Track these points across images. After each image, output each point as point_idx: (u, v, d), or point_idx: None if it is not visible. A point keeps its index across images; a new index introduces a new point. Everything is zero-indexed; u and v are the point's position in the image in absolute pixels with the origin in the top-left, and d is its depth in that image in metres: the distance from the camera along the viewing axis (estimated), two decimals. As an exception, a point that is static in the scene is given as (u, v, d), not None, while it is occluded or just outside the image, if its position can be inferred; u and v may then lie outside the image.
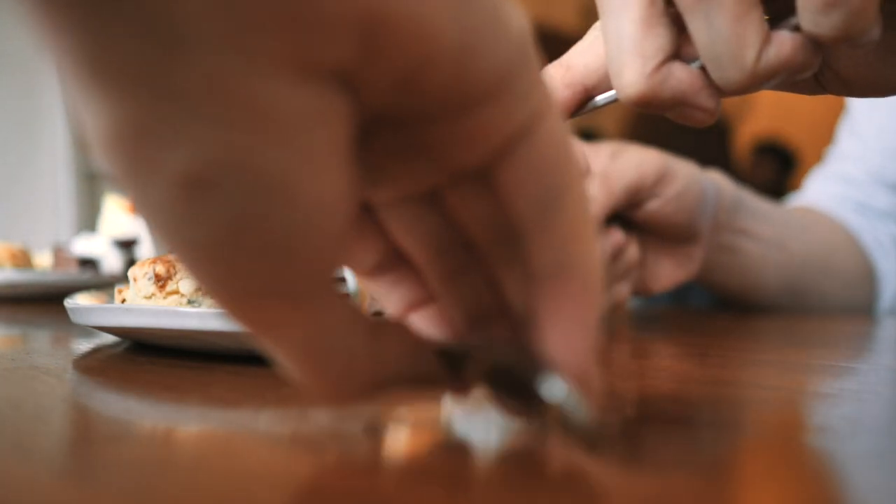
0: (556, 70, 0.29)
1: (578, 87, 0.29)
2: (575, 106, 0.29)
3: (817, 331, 0.59)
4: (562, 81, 0.29)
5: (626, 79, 0.26)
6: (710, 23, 0.24)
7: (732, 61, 0.25)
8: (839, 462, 0.21)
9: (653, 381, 0.31)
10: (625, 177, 0.53)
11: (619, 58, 0.26)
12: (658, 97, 0.26)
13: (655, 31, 0.26)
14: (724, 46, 0.24)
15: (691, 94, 0.26)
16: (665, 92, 0.26)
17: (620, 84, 0.26)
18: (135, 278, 0.37)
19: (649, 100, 0.26)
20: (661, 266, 0.59)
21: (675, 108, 0.27)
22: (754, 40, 0.24)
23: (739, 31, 0.24)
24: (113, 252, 0.76)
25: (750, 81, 0.25)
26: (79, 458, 0.20)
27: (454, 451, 0.22)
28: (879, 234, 0.75)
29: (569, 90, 0.29)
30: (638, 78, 0.26)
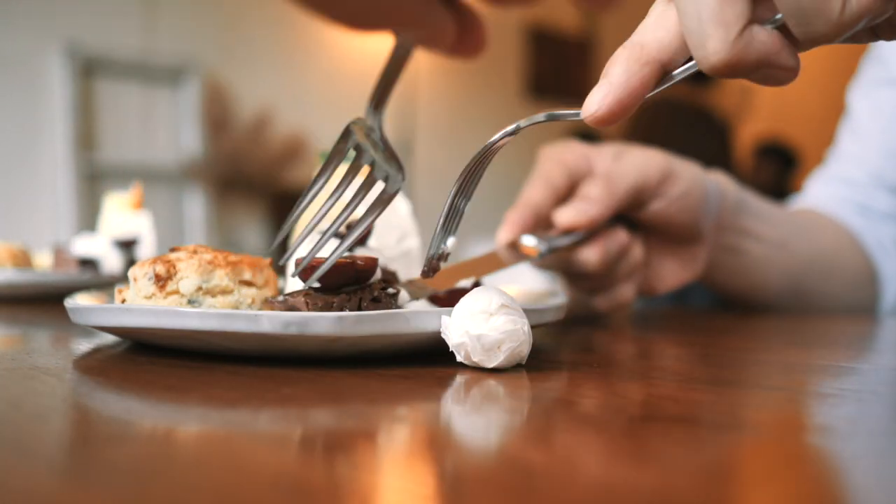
0: (629, 51, 0.29)
1: (655, 63, 0.29)
2: (654, 82, 0.29)
3: (818, 331, 0.59)
4: (638, 61, 0.29)
5: (710, 48, 0.27)
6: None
7: (818, 15, 0.25)
8: (839, 462, 0.21)
9: (654, 381, 0.31)
10: (628, 178, 0.53)
11: (700, 29, 0.27)
12: (743, 62, 0.27)
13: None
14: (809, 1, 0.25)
15: (774, 55, 0.27)
16: (750, 56, 0.27)
17: (705, 54, 0.27)
18: (135, 278, 0.37)
19: (734, 66, 0.27)
20: (665, 267, 0.59)
21: (758, 71, 0.27)
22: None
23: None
24: (113, 252, 0.76)
25: (836, 31, 0.26)
26: (79, 458, 0.20)
27: (454, 451, 0.22)
28: (881, 235, 0.75)
29: (647, 67, 0.29)
30: (722, 46, 0.26)
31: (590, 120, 0.30)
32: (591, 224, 0.51)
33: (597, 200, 0.52)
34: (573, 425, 0.24)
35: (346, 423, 0.24)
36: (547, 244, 0.50)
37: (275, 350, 0.33)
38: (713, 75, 0.28)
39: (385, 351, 0.34)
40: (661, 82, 0.30)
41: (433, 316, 0.33)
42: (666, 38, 0.29)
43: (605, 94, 0.29)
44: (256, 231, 2.99)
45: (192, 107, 2.78)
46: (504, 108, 3.71)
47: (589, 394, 0.29)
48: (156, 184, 2.73)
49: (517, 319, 0.32)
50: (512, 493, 0.17)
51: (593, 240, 0.53)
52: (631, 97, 0.29)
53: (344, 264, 0.34)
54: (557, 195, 0.54)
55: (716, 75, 0.27)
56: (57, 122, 2.56)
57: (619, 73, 0.29)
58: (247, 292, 0.37)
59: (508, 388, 0.29)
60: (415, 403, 0.27)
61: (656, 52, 0.29)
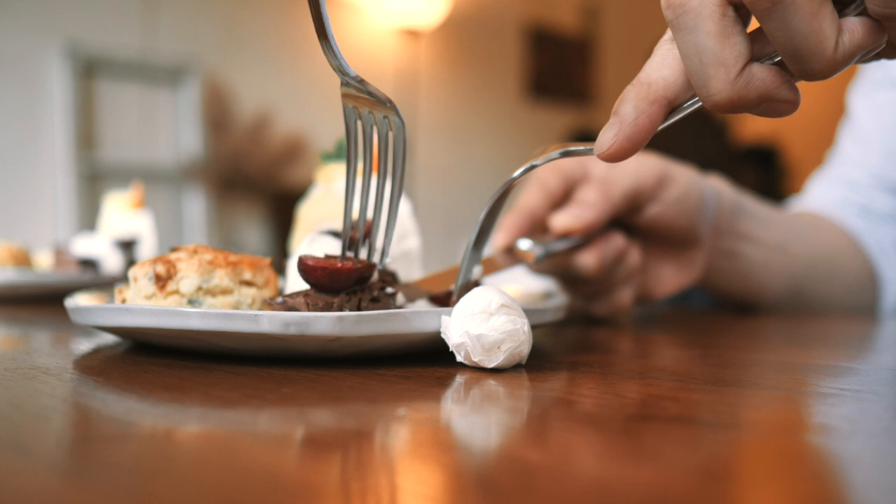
0: (637, 89, 0.30)
1: (663, 101, 0.30)
2: (662, 118, 0.31)
3: (818, 331, 0.59)
4: (646, 99, 0.30)
5: (712, 88, 0.28)
6: (787, 23, 0.26)
7: (812, 55, 0.26)
8: (839, 462, 0.21)
9: (654, 381, 0.31)
10: (624, 182, 0.53)
11: (702, 70, 0.28)
12: (745, 99, 0.28)
13: (732, 40, 0.27)
14: (803, 42, 0.26)
15: (774, 90, 0.28)
16: (751, 93, 0.28)
17: (707, 94, 0.28)
18: (135, 278, 0.37)
19: (737, 103, 0.28)
20: (663, 271, 0.59)
21: (760, 106, 0.28)
22: (830, 32, 0.26)
23: (816, 26, 0.26)
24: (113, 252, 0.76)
25: (831, 69, 0.27)
26: (79, 458, 0.20)
27: (454, 451, 0.22)
28: (881, 237, 0.75)
29: (654, 105, 0.30)
30: (724, 86, 0.28)
31: (602, 156, 0.31)
32: (587, 228, 0.51)
33: (592, 205, 0.52)
34: (573, 425, 0.25)
35: (346, 423, 0.24)
36: (543, 248, 0.50)
37: (275, 350, 0.33)
38: (717, 112, 0.29)
39: (385, 351, 0.34)
40: (669, 117, 0.31)
41: (433, 316, 0.33)
42: (671, 77, 0.30)
43: (616, 131, 0.31)
44: (256, 231, 2.99)
45: (192, 107, 2.78)
46: (504, 108, 3.71)
47: (589, 394, 0.29)
48: (156, 184, 2.73)
49: (517, 319, 0.32)
50: (512, 493, 0.17)
51: (590, 244, 0.53)
52: (640, 134, 0.30)
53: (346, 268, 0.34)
54: (553, 200, 0.54)
55: (719, 112, 0.29)
56: (57, 121, 2.56)
57: (629, 111, 0.30)
58: (247, 292, 0.37)
59: (508, 388, 0.29)
60: (415, 403, 0.28)
61: (663, 90, 0.30)
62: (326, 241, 0.40)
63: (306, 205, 0.50)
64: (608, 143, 0.31)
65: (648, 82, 0.30)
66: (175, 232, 2.77)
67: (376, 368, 0.32)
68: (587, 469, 0.20)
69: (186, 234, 2.80)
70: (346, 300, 0.34)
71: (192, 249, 0.37)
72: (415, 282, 0.40)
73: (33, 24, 2.52)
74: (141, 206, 0.82)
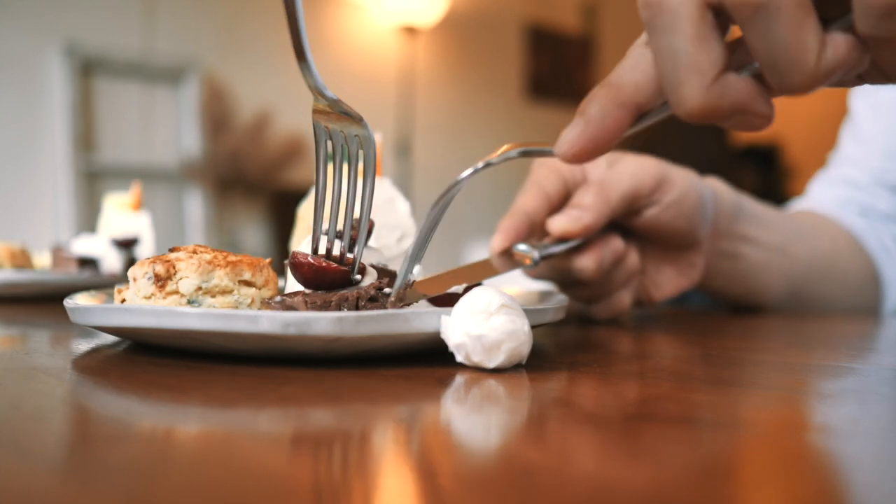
0: (606, 91, 0.29)
1: (631, 105, 0.29)
2: (629, 123, 0.29)
3: (818, 331, 0.59)
4: (614, 101, 0.29)
5: (684, 95, 0.27)
6: (769, 31, 0.25)
7: (793, 66, 0.25)
8: (839, 462, 0.21)
9: (654, 381, 0.31)
10: (622, 185, 0.53)
11: (675, 75, 0.27)
12: (717, 110, 0.27)
13: (709, 46, 0.26)
14: (784, 53, 0.25)
15: (749, 102, 0.27)
16: (724, 104, 0.27)
17: (679, 100, 0.27)
18: (135, 278, 0.37)
19: (709, 112, 0.27)
20: (662, 274, 0.59)
21: (733, 118, 0.27)
22: (813, 45, 0.25)
23: (799, 37, 0.25)
24: (113, 252, 0.76)
25: (810, 83, 0.26)
26: (79, 458, 0.20)
27: (454, 451, 0.22)
28: (883, 236, 0.75)
29: (622, 109, 0.29)
30: (697, 93, 0.26)
31: (563, 157, 0.30)
32: (584, 232, 0.51)
33: (590, 208, 0.52)
34: (573, 425, 0.24)
35: (346, 423, 0.24)
36: (540, 252, 0.50)
37: (275, 350, 0.33)
38: (687, 121, 0.27)
39: (385, 351, 0.34)
40: (637, 123, 0.30)
41: (433, 316, 0.33)
42: (643, 81, 0.29)
43: (579, 132, 0.29)
44: (256, 231, 2.99)
45: (192, 107, 2.78)
46: (504, 107, 3.71)
47: (589, 394, 0.29)
48: (156, 184, 2.73)
49: (517, 319, 0.32)
50: (512, 493, 0.17)
51: (588, 247, 0.52)
52: (605, 137, 0.29)
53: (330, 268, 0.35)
54: (551, 203, 0.54)
55: (690, 121, 0.27)
56: (56, 121, 2.56)
57: (595, 112, 0.29)
58: (246, 292, 0.37)
59: (508, 388, 0.29)
60: (415, 403, 0.27)
61: (633, 94, 0.29)
62: (326, 241, 0.40)
63: (306, 205, 0.50)
64: (570, 144, 0.30)
65: (619, 84, 0.29)
66: (175, 232, 2.77)
67: (376, 368, 0.32)
68: (587, 469, 0.20)
69: (186, 234, 2.80)
70: (344, 299, 0.34)
71: (192, 249, 0.37)
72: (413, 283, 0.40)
73: (33, 24, 2.52)
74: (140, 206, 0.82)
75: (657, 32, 0.27)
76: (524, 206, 0.53)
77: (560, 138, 0.30)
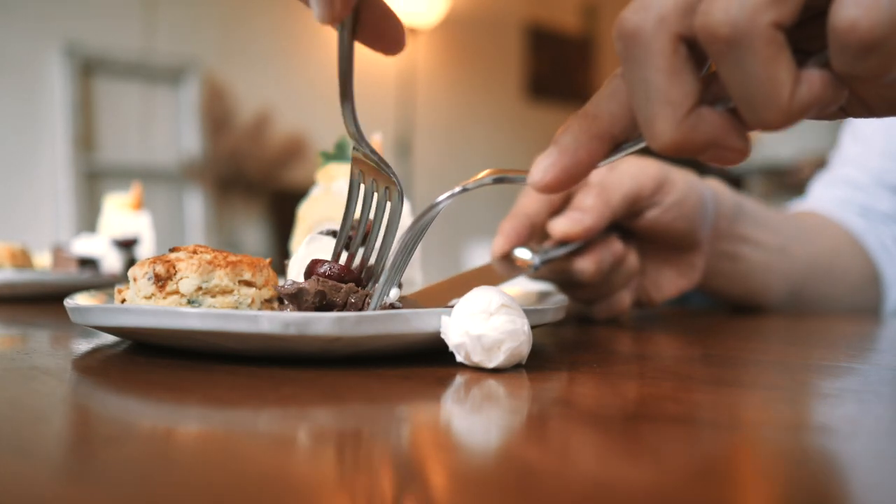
0: (581, 121, 0.29)
1: (606, 136, 0.29)
2: (604, 154, 0.29)
3: (818, 331, 0.59)
4: (588, 132, 0.29)
5: (657, 128, 0.26)
6: (742, 67, 0.25)
7: (766, 102, 0.25)
8: (839, 462, 0.21)
9: (654, 381, 0.31)
10: (623, 187, 0.53)
11: (648, 107, 0.26)
12: (691, 143, 0.26)
13: (682, 79, 0.26)
14: (757, 88, 0.25)
15: (722, 137, 0.26)
16: (698, 137, 0.26)
17: (652, 133, 0.27)
18: (135, 278, 0.37)
19: (681, 146, 0.26)
20: (663, 276, 0.59)
21: (706, 152, 0.27)
22: (786, 80, 0.24)
23: (771, 73, 0.24)
24: (113, 252, 0.76)
25: (784, 120, 0.25)
26: (78, 458, 0.20)
27: (454, 451, 0.22)
28: (883, 236, 0.75)
29: (596, 141, 0.29)
30: (670, 126, 0.26)
31: (535, 187, 0.30)
32: (586, 234, 0.51)
33: (591, 210, 0.52)
34: (573, 425, 0.25)
35: (346, 423, 0.24)
36: (540, 256, 0.50)
37: (275, 350, 0.33)
38: (661, 153, 0.27)
39: (385, 351, 0.34)
40: (611, 154, 0.29)
41: (433, 316, 0.33)
42: (619, 112, 0.29)
43: (552, 162, 0.29)
44: (256, 231, 2.99)
45: (192, 107, 2.78)
46: (504, 108, 3.71)
47: (589, 394, 0.29)
48: (156, 184, 2.73)
49: (517, 319, 0.32)
50: (512, 493, 0.17)
51: (588, 249, 0.52)
52: (578, 167, 0.29)
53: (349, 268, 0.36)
54: (552, 205, 0.54)
55: (664, 153, 0.27)
56: (57, 122, 2.56)
57: (569, 142, 0.29)
58: (247, 292, 0.37)
59: (508, 388, 0.29)
60: (415, 403, 0.27)
61: (608, 126, 0.29)
62: (326, 242, 0.40)
63: (306, 205, 0.50)
64: (541, 174, 0.29)
65: (594, 115, 0.29)
66: (175, 232, 2.77)
67: (376, 368, 0.32)
68: (587, 469, 0.20)
69: (186, 234, 2.80)
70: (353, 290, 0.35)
71: (192, 249, 0.37)
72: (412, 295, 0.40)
73: (33, 24, 2.52)
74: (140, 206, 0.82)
75: (631, 64, 0.26)
76: (525, 208, 0.54)
77: (533, 166, 0.30)
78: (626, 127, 0.29)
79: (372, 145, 0.36)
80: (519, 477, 0.19)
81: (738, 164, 0.28)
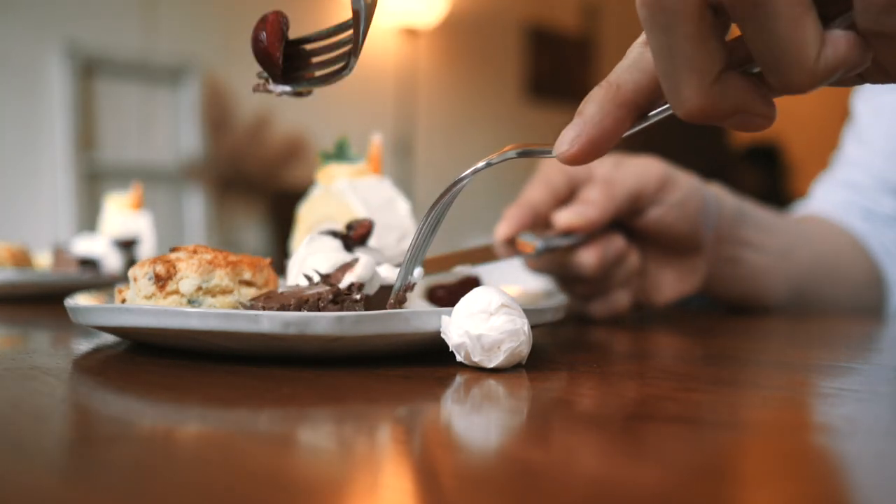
0: (605, 91, 0.29)
1: (631, 104, 0.29)
2: (629, 123, 0.29)
3: (818, 331, 0.59)
4: (613, 102, 0.29)
5: (684, 95, 0.26)
6: (767, 29, 0.24)
7: (792, 65, 0.25)
8: (839, 462, 0.21)
9: (654, 381, 0.31)
10: (627, 183, 0.54)
11: (675, 75, 0.26)
12: (718, 109, 0.26)
13: (709, 45, 0.26)
14: (782, 51, 0.25)
15: (749, 102, 0.26)
16: (725, 103, 0.26)
17: (679, 100, 0.26)
18: (135, 278, 0.37)
19: (709, 112, 0.26)
20: (664, 278, 0.59)
21: (733, 117, 0.27)
22: (813, 42, 0.24)
23: (797, 34, 0.24)
24: (113, 252, 0.76)
25: (810, 82, 0.25)
26: (78, 458, 0.20)
27: (454, 451, 0.22)
28: (886, 239, 0.75)
29: (622, 109, 0.29)
30: (696, 93, 0.26)
31: (562, 158, 0.29)
32: (589, 226, 0.52)
33: (596, 204, 0.52)
34: (573, 425, 0.25)
35: (346, 423, 0.24)
36: (544, 242, 0.50)
37: (275, 350, 0.33)
38: (688, 120, 0.27)
39: (385, 351, 0.34)
40: (636, 123, 0.29)
41: (433, 316, 0.33)
42: (643, 80, 0.28)
43: (578, 132, 0.29)
44: (256, 231, 2.99)
45: (192, 107, 2.78)
46: (504, 107, 3.71)
47: (589, 394, 0.29)
48: (156, 184, 2.72)
49: (517, 319, 0.32)
50: (512, 493, 0.17)
51: (590, 243, 0.53)
52: (604, 137, 0.29)
53: None
54: (557, 197, 0.55)
55: (690, 121, 0.27)
56: (57, 122, 2.56)
57: (594, 112, 0.29)
58: (247, 292, 0.37)
59: (508, 388, 0.29)
60: (415, 403, 0.27)
61: (632, 94, 0.29)
62: (326, 241, 0.40)
63: (306, 205, 0.50)
64: (568, 144, 0.29)
65: (618, 84, 0.29)
66: (175, 232, 2.77)
67: (376, 368, 0.32)
68: (587, 469, 0.20)
69: (186, 234, 2.80)
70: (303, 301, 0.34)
71: (192, 249, 0.37)
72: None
73: (33, 24, 2.52)
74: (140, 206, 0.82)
75: (656, 31, 0.26)
76: (531, 198, 0.54)
77: (559, 139, 0.29)
78: (650, 95, 0.29)
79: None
80: (519, 477, 0.19)
81: (764, 129, 0.27)
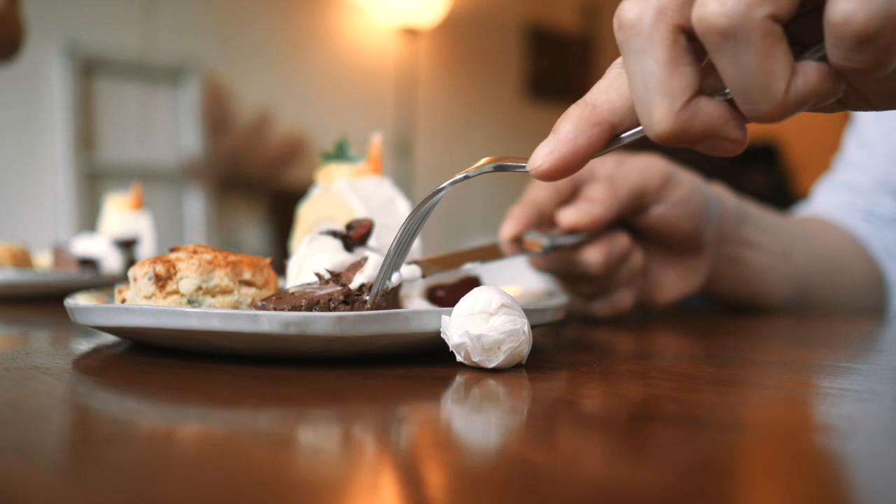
0: (581, 109, 0.29)
1: (605, 125, 0.29)
2: (602, 143, 0.29)
3: (818, 331, 0.59)
4: (588, 121, 0.29)
5: (655, 117, 0.27)
6: (739, 59, 0.25)
7: (762, 94, 0.25)
8: (839, 462, 0.21)
9: (654, 381, 0.31)
10: (630, 180, 0.54)
11: (647, 97, 0.27)
12: (688, 133, 0.27)
13: (681, 70, 0.26)
14: (753, 80, 0.25)
15: (720, 127, 0.27)
16: (695, 127, 0.26)
17: (650, 122, 0.27)
18: (135, 278, 0.37)
19: (679, 136, 0.27)
20: (666, 277, 0.59)
21: (704, 142, 0.27)
22: (783, 73, 0.25)
23: (768, 65, 0.25)
24: (113, 252, 0.76)
25: (780, 112, 0.25)
26: (78, 458, 0.20)
27: (454, 451, 0.22)
28: (888, 241, 0.75)
29: (596, 128, 0.29)
30: (667, 116, 0.26)
31: (534, 173, 0.30)
32: (593, 224, 0.52)
33: (600, 201, 0.52)
34: (573, 425, 0.25)
35: (346, 423, 0.24)
36: (550, 240, 0.50)
37: (275, 350, 0.33)
38: (659, 143, 0.27)
39: (385, 351, 0.34)
40: (610, 144, 0.30)
41: (433, 316, 0.33)
42: (618, 101, 0.29)
43: (551, 149, 0.29)
44: (256, 231, 2.99)
45: (192, 107, 2.78)
46: (504, 108, 3.71)
47: (589, 394, 0.29)
48: (156, 184, 2.73)
49: (517, 319, 0.32)
50: (512, 493, 0.17)
51: (595, 241, 0.53)
52: (577, 155, 0.29)
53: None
54: (560, 196, 0.55)
55: (662, 143, 0.27)
56: (57, 122, 2.56)
57: (569, 130, 0.29)
58: (247, 292, 0.37)
59: (508, 388, 0.29)
60: (415, 403, 0.27)
61: (607, 114, 0.29)
62: (326, 241, 0.40)
63: (306, 205, 0.50)
64: (541, 160, 0.29)
65: (594, 103, 0.29)
66: (175, 232, 2.77)
67: (376, 368, 0.32)
68: (588, 469, 0.20)
69: (186, 234, 2.80)
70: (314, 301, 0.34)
71: (192, 249, 0.37)
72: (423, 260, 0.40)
73: (33, 24, 2.52)
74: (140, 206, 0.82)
75: (630, 55, 0.27)
76: (535, 196, 0.55)
77: (533, 154, 0.30)
78: (624, 116, 0.29)
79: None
80: (518, 477, 0.19)
81: (735, 154, 0.28)
